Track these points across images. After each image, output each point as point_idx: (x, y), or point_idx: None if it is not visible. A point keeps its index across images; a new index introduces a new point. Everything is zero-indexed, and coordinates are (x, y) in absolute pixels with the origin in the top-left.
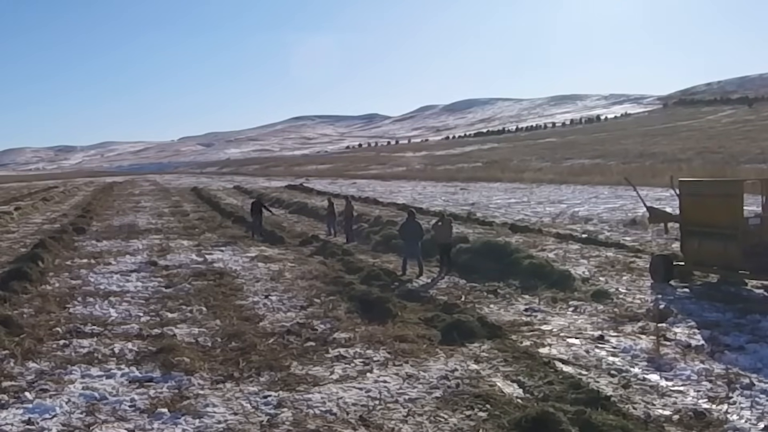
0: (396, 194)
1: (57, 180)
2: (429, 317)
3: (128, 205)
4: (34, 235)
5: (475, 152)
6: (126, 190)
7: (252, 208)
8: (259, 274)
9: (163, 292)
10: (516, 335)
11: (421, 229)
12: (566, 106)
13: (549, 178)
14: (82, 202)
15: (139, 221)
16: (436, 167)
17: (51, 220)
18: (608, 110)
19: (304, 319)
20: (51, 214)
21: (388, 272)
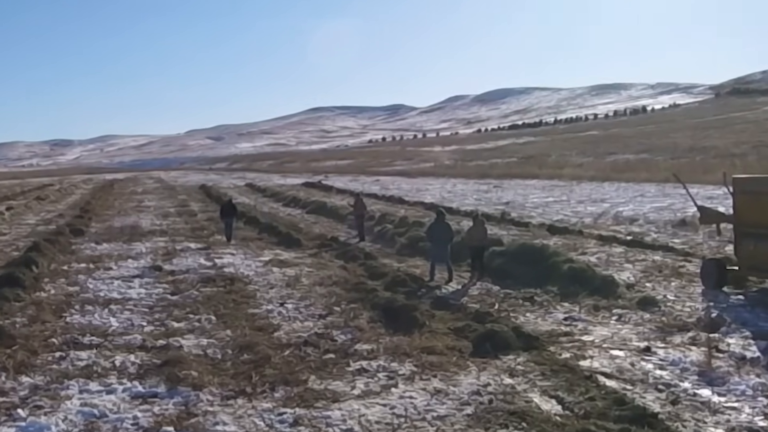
0: (423, 192)
1: (52, 177)
2: (459, 327)
3: (130, 204)
4: (28, 238)
5: (509, 146)
6: (128, 188)
7: (222, 212)
8: (274, 279)
9: (168, 300)
10: (554, 347)
11: (450, 230)
12: (609, 95)
13: (590, 175)
14: (80, 201)
15: (142, 222)
16: (467, 163)
17: (46, 220)
18: (655, 100)
19: (323, 329)
20: (46, 215)
21: (415, 278)
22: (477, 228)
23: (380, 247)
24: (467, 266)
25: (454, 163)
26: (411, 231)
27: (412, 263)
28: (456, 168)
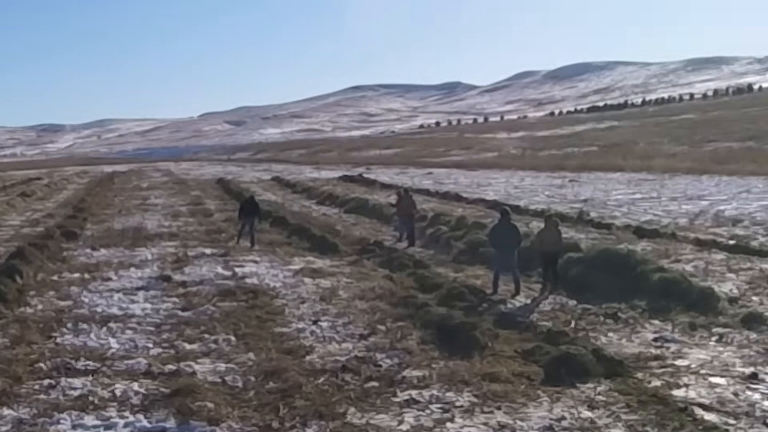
0: (485, 188)
1: (40, 169)
2: (528, 349)
3: (133, 202)
4: (10, 242)
5: (588, 132)
6: (130, 183)
7: (242, 210)
8: (306, 292)
9: (179, 317)
10: (642, 373)
11: (517, 233)
12: (708, 71)
13: (685, 167)
14: (73, 198)
15: (147, 223)
16: (538, 152)
17: (32, 221)
18: (763, 77)
19: (365, 352)
20: (32, 214)
21: (475, 290)
22: (549, 230)
23: (433, 253)
24: (538, 276)
25: (522, 153)
26: (470, 234)
27: (472, 273)
28: (524, 158)
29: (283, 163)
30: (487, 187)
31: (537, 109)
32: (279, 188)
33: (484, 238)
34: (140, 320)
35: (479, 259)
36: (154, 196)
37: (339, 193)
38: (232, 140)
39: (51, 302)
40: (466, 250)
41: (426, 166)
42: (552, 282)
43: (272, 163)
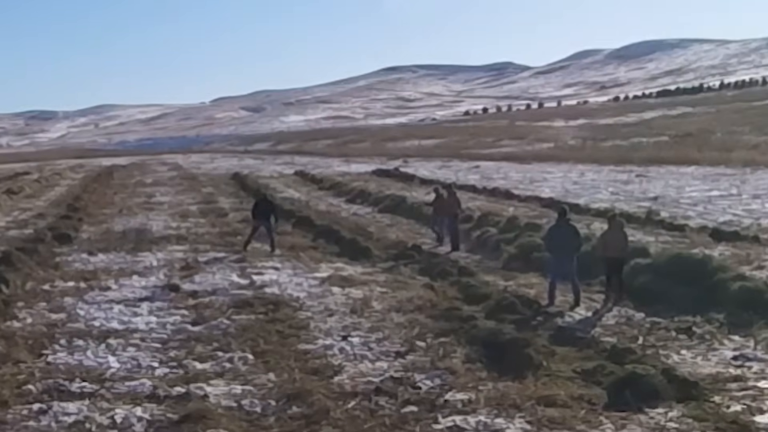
0: (539, 184)
1: (29, 162)
2: (589, 369)
3: (136, 200)
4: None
5: (658, 120)
6: (133, 178)
7: (256, 211)
8: (334, 303)
9: (188, 332)
10: (720, 396)
11: (577, 236)
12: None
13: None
14: (67, 195)
15: (152, 224)
16: (600, 143)
17: (20, 222)
18: None
19: (402, 372)
20: (20, 214)
21: (528, 301)
22: (614, 233)
23: (480, 258)
24: (600, 285)
25: (582, 144)
26: (522, 237)
27: (524, 281)
28: (584, 150)
29: (307, 155)
30: (542, 183)
31: (599, 94)
32: (303, 184)
33: (538, 242)
34: (144, 336)
35: (533, 265)
36: (159, 194)
37: (372, 189)
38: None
39: (42, 315)
40: (517, 255)
41: (472, 159)
42: (616, 292)
43: (295, 155)
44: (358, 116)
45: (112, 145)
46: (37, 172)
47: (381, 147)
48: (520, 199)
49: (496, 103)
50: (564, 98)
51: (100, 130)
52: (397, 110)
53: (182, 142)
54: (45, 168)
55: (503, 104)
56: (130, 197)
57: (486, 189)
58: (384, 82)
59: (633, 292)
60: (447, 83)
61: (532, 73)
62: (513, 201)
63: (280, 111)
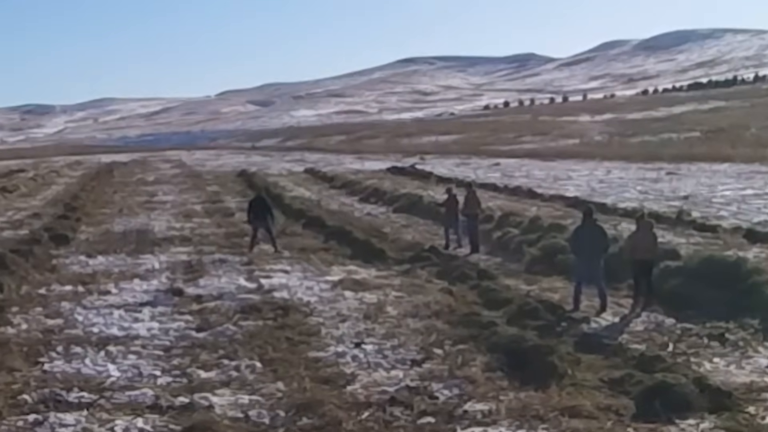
0: (564, 182)
1: (24, 159)
2: (616, 378)
3: (137, 199)
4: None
5: (689, 115)
6: (134, 176)
7: (251, 211)
8: (346, 308)
9: (192, 338)
10: (755, 406)
11: (604, 237)
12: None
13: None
14: (64, 194)
15: (154, 225)
16: (628, 139)
17: (14, 223)
18: None
19: (418, 381)
20: (14, 214)
21: (552, 306)
22: (642, 234)
23: (501, 261)
24: (628, 289)
25: (609, 140)
26: (546, 238)
27: (548, 285)
28: (611, 146)
29: (318, 151)
30: (567, 182)
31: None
32: (314, 182)
33: (563, 243)
34: (146, 342)
35: (557, 268)
36: (162, 192)
37: (386, 188)
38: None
39: (37, 321)
40: (540, 257)
41: (492, 156)
42: (645, 296)
43: (305, 151)
44: (372, 111)
45: (112, 141)
46: (32, 169)
47: (396, 143)
48: (543, 198)
49: (517, 96)
50: (590, 91)
51: (100, 125)
52: (413, 104)
53: (186, 138)
54: (41, 165)
55: (525, 98)
56: (130, 196)
57: (507, 188)
58: (399, 75)
59: (663, 296)
60: (466, 76)
61: (556, 65)
62: (536, 200)
63: (289, 105)
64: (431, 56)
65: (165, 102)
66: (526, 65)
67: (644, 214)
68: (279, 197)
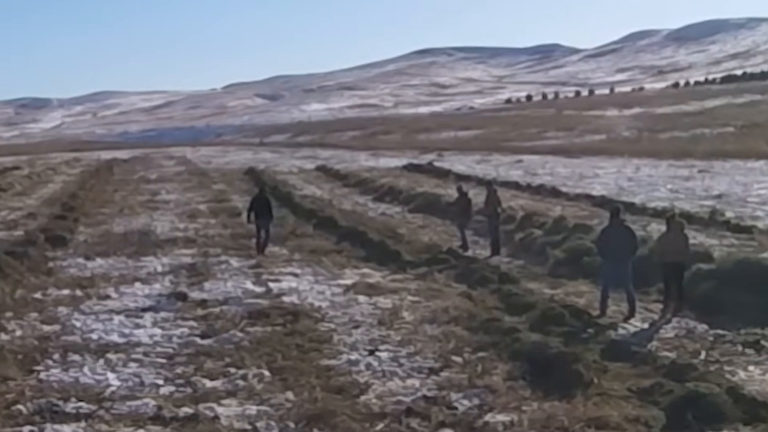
0: (590, 180)
1: (19, 156)
2: (645, 387)
3: (139, 198)
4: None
5: (722, 109)
6: (135, 173)
7: (252, 207)
8: (360, 314)
9: (197, 345)
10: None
11: (633, 238)
12: None
13: None
14: (62, 193)
15: (157, 226)
16: (657, 135)
17: (9, 223)
18: None
19: (436, 391)
20: (9, 214)
21: (577, 311)
22: (673, 235)
23: (523, 263)
24: (657, 293)
25: (638, 135)
26: (571, 239)
27: (573, 289)
28: (640, 142)
29: (330, 148)
30: (593, 180)
31: (656, 80)
32: (325, 180)
33: (589, 245)
34: (147, 350)
35: (583, 271)
36: (165, 191)
37: (402, 186)
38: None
39: (33, 327)
40: (565, 259)
41: (514, 153)
42: (676, 301)
43: (317, 148)
44: (387, 105)
45: (112, 137)
46: (28, 166)
47: (413, 139)
48: (568, 197)
49: (541, 89)
50: (617, 84)
51: (99, 119)
52: (430, 98)
53: (190, 133)
54: (37, 162)
55: (549, 91)
56: (132, 195)
57: (530, 186)
58: (416, 67)
59: (694, 301)
60: (487, 67)
61: (581, 57)
62: (560, 199)
63: (299, 99)
64: (450, 47)
65: (168, 95)
66: (550, 56)
67: (675, 214)
68: (289, 196)
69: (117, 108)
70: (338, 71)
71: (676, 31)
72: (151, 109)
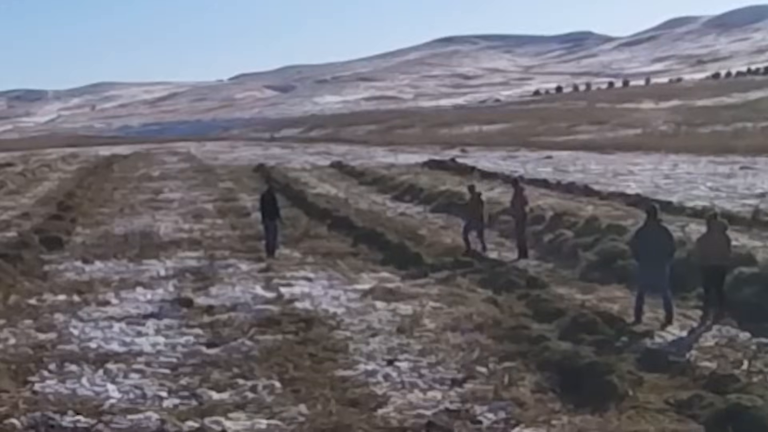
0: (624, 178)
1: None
2: (684, 400)
3: (140, 197)
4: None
5: (766, 101)
6: (136, 170)
7: (262, 205)
8: (377, 321)
9: (203, 355)
10: None
11: (670, 240)
12: None
13: None
14: (58, 191)
15: (160, 226)
16: (696, 129)
17: (1, 224)
18: None
19: (459, 403)
20: (1, 214)
21: (610, 318)
22: (714, 236)
23: (552, 267)
24: (697, 299)
25: (675, 130)
26: (604, 241)
27: (606, 294)
28: (678, 137)
29: (346, 143)
30: (628, 177)
31: (695, 70)
32: (340, 178)
33: (623, 247)
34: (150, 360)
35: (616, 275)
36: (168, 189)
37: (423, 184)
38: (275, 112)
39: (27, 335)
40: (598, 263)
41: (543, 148)
42: (717, 307)
43: (331, 143)
44: (407, 97)
45: (112, 131)
46: (21, 163)
47: (434, 134)
48: (601, 196)
49: (572, 81)
50: (653, 75)
51: (98, 113)
52: (453, 90)
53: (196, 127)
54: (31, 158)
55: (581, 82)
56: (132, 194)
57: (560, 184)
58: (438, 56)
59: (736, 307)
60: (513, 57)
61: (615, 45)
62: (592, 198)
63: (312, 90)
64: (474, 35)
65: (172, 87)
66: (581, 45)
67: (716, 214)
68: (301, 195)
69: (117, 100)
70: (354, 61)
71: (717, 17)
72: (154, 102)
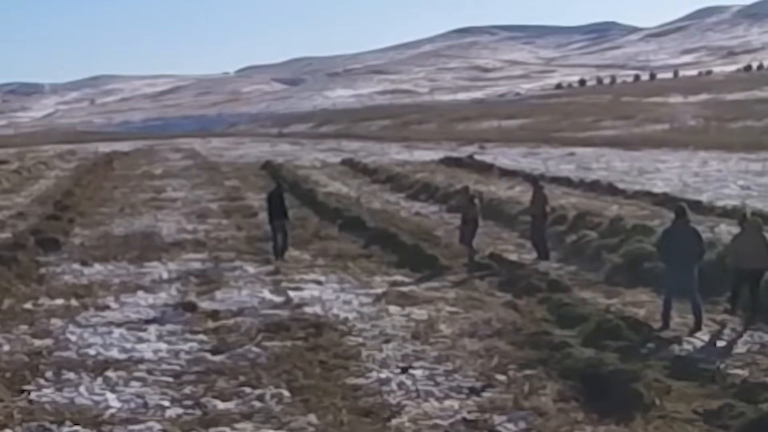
0: (651, 176)
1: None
2: (713, 409)
3: (142, 196)
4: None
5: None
6: (138, 168)
7: (270, 204)
8: (391, 326)
9: (207, 362)
10: None
11: (699, 241)
12: None
13: None
14: (55, 190)
15: (162, 227)
16: (727, 124)
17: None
18: None
19: (477, 413)
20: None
21: (636, 323)
22: (748, 237)
23: (575, 270)
24: (727, 303)
25: (705, 125)
26: (629, 243)
27: (632, 298)
28: (708, 133)
29: (358, 139)
30: (654, 175)
31: (726, 62)
32: (352, 176)
33: (650, 249)
34: (152, 367)
35: (642, 278)
36: (171, 188)
37: (439, 182)
38: (284, 106)
39: (23, 341)
40: (623, 265)
41: (566, 144)
42: (749, 311)
43: (343, 139)
44: (422, 90)
45: (112, 127)
46: (17, 160)
47: (451, 129)
48: (626, 194)
49: (596, 73)
50: (682, 68)
51: (97, 107)
52: (471, 83)
53: (200, 122)
54: (27, 155)
55: (605, 75)
56: (133, 192)
57: (583, 182)
58: (455, 48)
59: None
60: (534, 48)
61: (641, 36)
62: (617, 197)
63: (323, 84)
64: (492, 25)
65: (175, 80)
66: (605, 36)
67: (748, 214)
68: (311, 194)
69: (117, 94)
70: (367, 53)
71: (749, 6)
72: (156, 96)
